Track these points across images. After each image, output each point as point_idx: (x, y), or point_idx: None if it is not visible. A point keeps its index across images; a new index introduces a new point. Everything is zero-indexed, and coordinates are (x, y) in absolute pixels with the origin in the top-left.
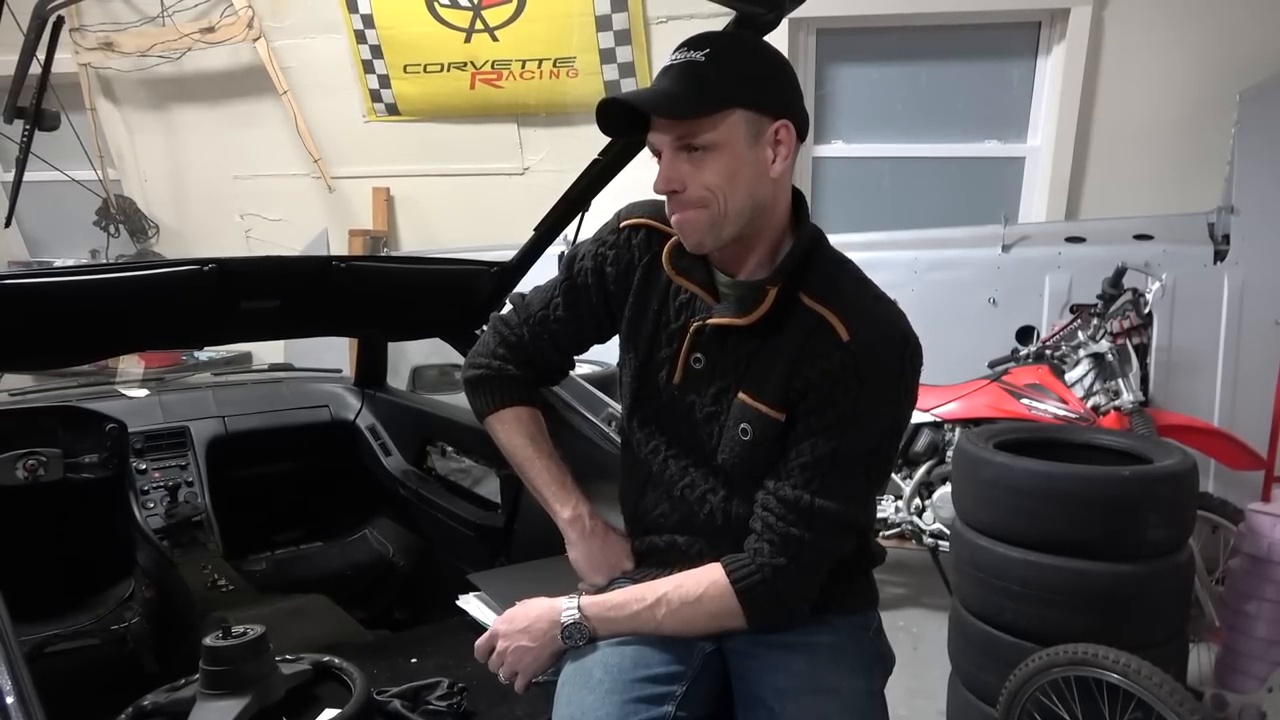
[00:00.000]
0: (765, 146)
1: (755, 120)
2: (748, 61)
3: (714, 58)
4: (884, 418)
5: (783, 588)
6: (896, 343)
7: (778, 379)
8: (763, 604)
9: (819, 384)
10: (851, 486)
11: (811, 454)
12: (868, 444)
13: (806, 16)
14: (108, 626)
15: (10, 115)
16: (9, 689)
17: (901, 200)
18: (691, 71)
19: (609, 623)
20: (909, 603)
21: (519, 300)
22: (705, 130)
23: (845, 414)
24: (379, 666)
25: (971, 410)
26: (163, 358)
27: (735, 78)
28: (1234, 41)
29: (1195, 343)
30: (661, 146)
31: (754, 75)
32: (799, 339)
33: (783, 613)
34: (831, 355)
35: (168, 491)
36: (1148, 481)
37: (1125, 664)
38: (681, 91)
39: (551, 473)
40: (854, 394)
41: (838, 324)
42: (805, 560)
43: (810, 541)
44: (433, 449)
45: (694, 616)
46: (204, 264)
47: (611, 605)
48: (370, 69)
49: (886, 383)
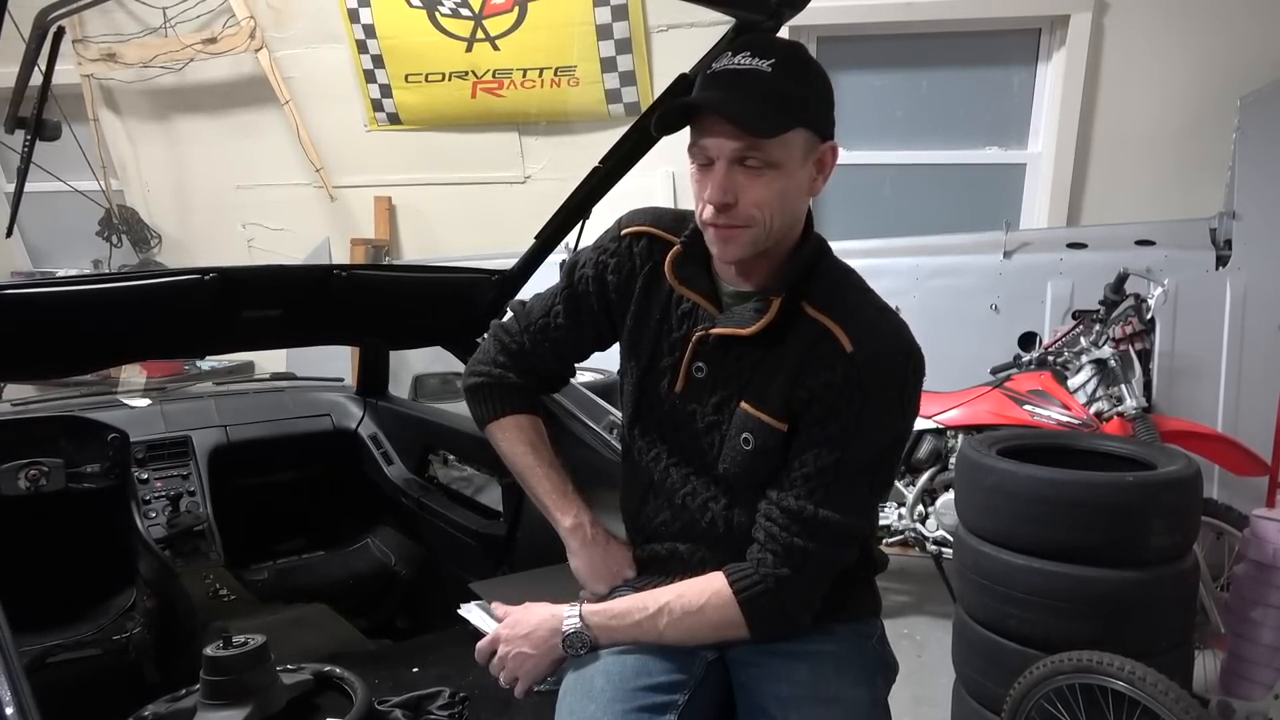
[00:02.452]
0: (812, 166)
1: (811, 140)
2: (808, 79)
3: (781, 71)
4: (887, 429)
5: (786, 598)
6: (899, 355)
7: (780, 389)
8: (766, 614)
9: (822, 395)
10: (854, 497)
11: (814, 464)
12: (870, 455)
13: (807, 24)
14: (109, 636)
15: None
16: (8, 700)
17: (903, 207)
18: (762, 84)
19: (610, 631)
20: (912, 610)
21: (519, 308)
22: (771, 148)
23: (848, 425)
24: (380, 676)
25: (974, 417)
26: (165, 367)
27: (801, 96)
28: (1234, 47)
29: (1198, 348)
30: (717, 156)
31: (814, 95)
32: (802, 350)
33: (785, 624)
34: (835, 367)
35: (169, 501)
36: (1151, 488)
37: (1130, 671)
38: (760, 108)
39: (553, 481)
40: (857, 405)
41: (841, 335)
42: (809, 571)
43: (814, 552)
44: (435, 457)
45: (696, 626)
46: (205, 273)
47: (613, 614)
48: (372, 78)
49: (889, 395)
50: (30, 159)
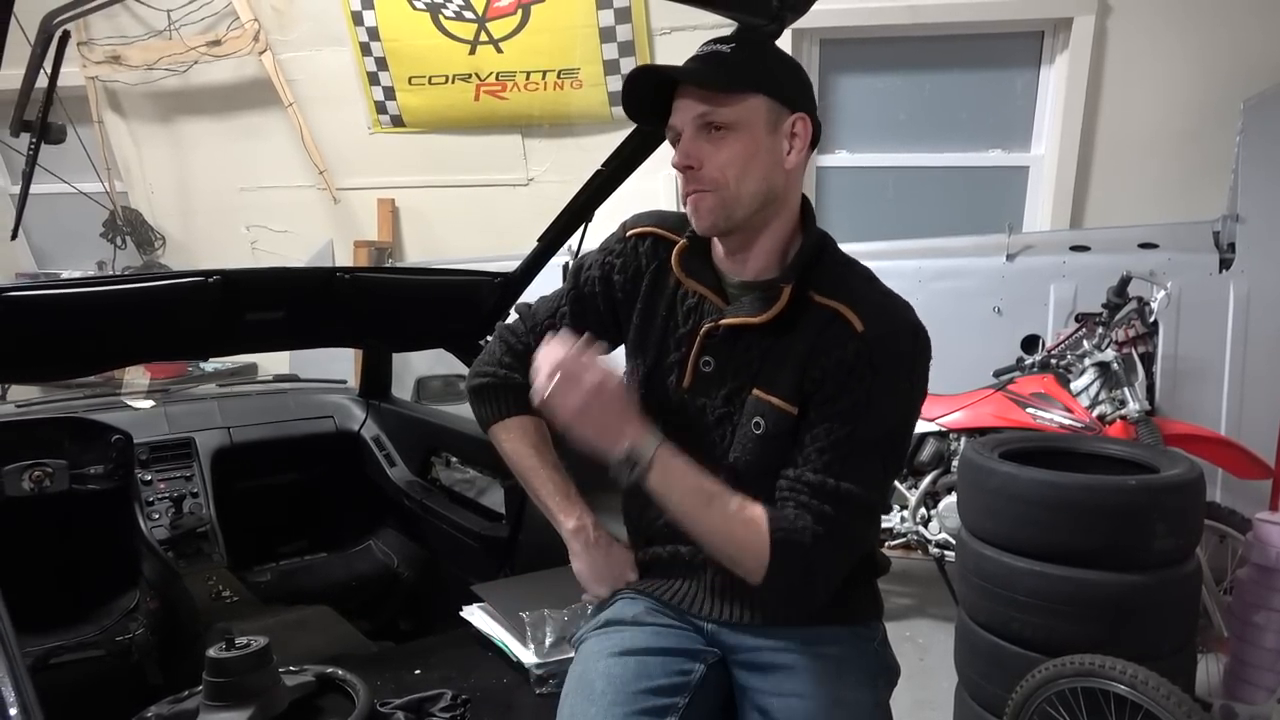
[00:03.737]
0: (782, 137)
1: (775, 109)
2: (771, 57)
3: (741, 50)
4: (897, 405)
5: (814, 557)
6: (908, 333)
7: (791, 374)
8: (788, 562)
9: (834, 372)
10: (869, 472)
11: (828, 438)
12: (881, 431)
13: (810, 27)
14: (112, 638)
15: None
16: (12, 701)
17: (906, 210)
18: (718, 56)
19: (668, 473)
20: (915, 613)
21: (525, 310)
22: (727, 110)
23: (859, 401)
24: (383, 678)
25: (977, 420)
26: (168, 369)
27: (760, 67)
28: (1238, 50)
29: (1201, 351)
30: (682, 126)
31: (776, 69)
32: (812, 335)
33: (803, 581)
34: (846, 345)
35: (173, 502)
36: (1154, 491)
37: (1133, 675)
38: (709, 70)
39: (556, 483)
40: (868, 382)
41: (852, 316)
42: (838, 538)
43: (844, 523)
44: (437, 460)
45: (725, 531)
46: (208, 275)
47: (679, 471)
48: (375, 81)
49: (899, 371)
50: (35, 162)
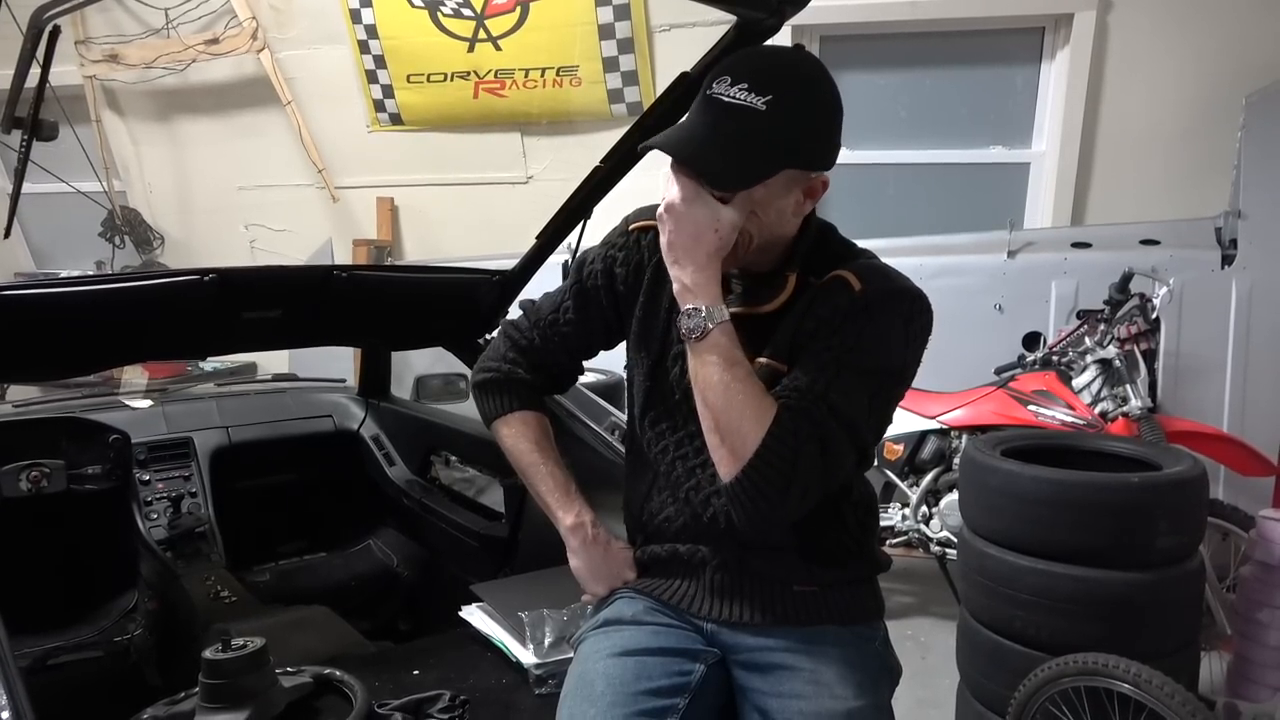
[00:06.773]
0: (798, 193)
1: (797, 175)
2: (808, 114)
3: (775, 110)
4: (891, 349)
5: (801, 453)
6: (907, 293)
7: (787, 336)
8: (774, 461)
9: (828, 319)
10: (855, 398)
11: (815, 363)
12: (871, 363)
13: (810, 23)
14: (110, 639)
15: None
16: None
17: (906, 207)
18: (746, 124)
19: (722, 338)
20: (916, 612)
21: (529, 305)
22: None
23: (849, 340)
24: (381, 679)
25: (978, 417)
26: (166, 368)
27: (791, 138)
28: (1239, 45)
29: (1203, 348)
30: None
31: (810, 132)
32: (811, 301)
33: (782, 481)
34: (841, 298)
35: (171, 502)
36: (1157, 488)
37: (1136, 673)
38: (730, 160)
39: (556, 479)
40: (860, 325)
41: (852, 278)
42: (826, 445)
43: (830, 430)
44: (437, 459)
45: (741, 398)
46: (204, 274)
47: (729, 343)
48: (374, 79)
49: (894, 322)
50: (28, 159)
